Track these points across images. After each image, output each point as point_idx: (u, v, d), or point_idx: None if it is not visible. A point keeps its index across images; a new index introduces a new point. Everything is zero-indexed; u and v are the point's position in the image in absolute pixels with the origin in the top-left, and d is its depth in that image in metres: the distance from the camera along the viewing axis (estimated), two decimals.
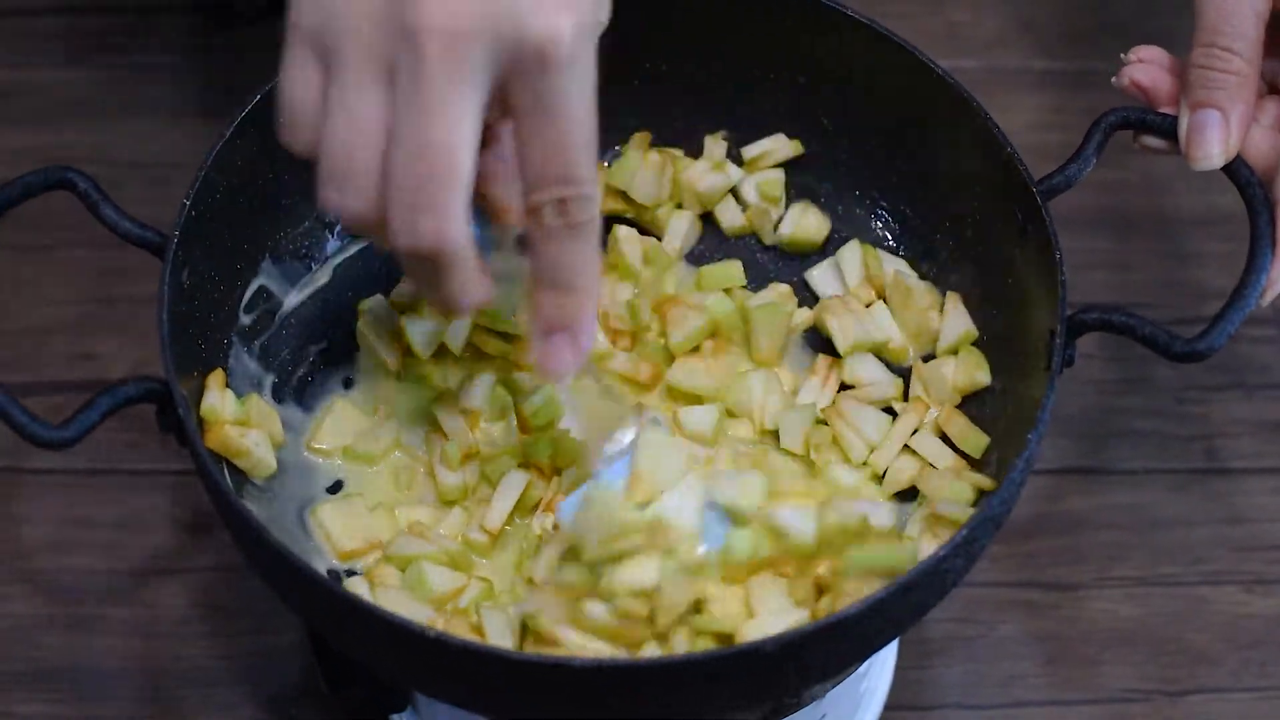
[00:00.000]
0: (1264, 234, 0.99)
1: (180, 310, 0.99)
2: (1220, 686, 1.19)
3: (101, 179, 1.36)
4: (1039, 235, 1.01)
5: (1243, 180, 1.01)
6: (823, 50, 1.12)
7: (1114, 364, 1.32)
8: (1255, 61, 1.01)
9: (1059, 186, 1.03)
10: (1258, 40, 1.01)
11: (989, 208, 1.08)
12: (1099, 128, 1.04)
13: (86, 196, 0.99)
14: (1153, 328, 0.98)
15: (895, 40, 1.09)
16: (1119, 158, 1.40)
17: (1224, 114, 1.00)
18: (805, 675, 0.93)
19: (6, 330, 1.31)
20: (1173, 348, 0.98)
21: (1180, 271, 1.36)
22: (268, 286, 1.09)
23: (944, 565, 0.91)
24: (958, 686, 1.19)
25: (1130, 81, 1.05)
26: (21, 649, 1.18)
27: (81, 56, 1.45)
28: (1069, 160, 1.03)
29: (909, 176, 1.14)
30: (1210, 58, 1.00)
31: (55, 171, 0.99)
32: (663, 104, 1.18)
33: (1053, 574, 1.23)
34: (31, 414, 0.91)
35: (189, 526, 1.22)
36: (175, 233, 0.99)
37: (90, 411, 0.93)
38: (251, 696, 1.17)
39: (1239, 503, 1.26)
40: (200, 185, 1.01)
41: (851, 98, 1.14)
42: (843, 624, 0.88)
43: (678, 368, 1.09)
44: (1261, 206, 1.00)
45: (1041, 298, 1.01)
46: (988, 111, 1.05)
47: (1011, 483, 0.94)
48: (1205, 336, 0.97)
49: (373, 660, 0.95)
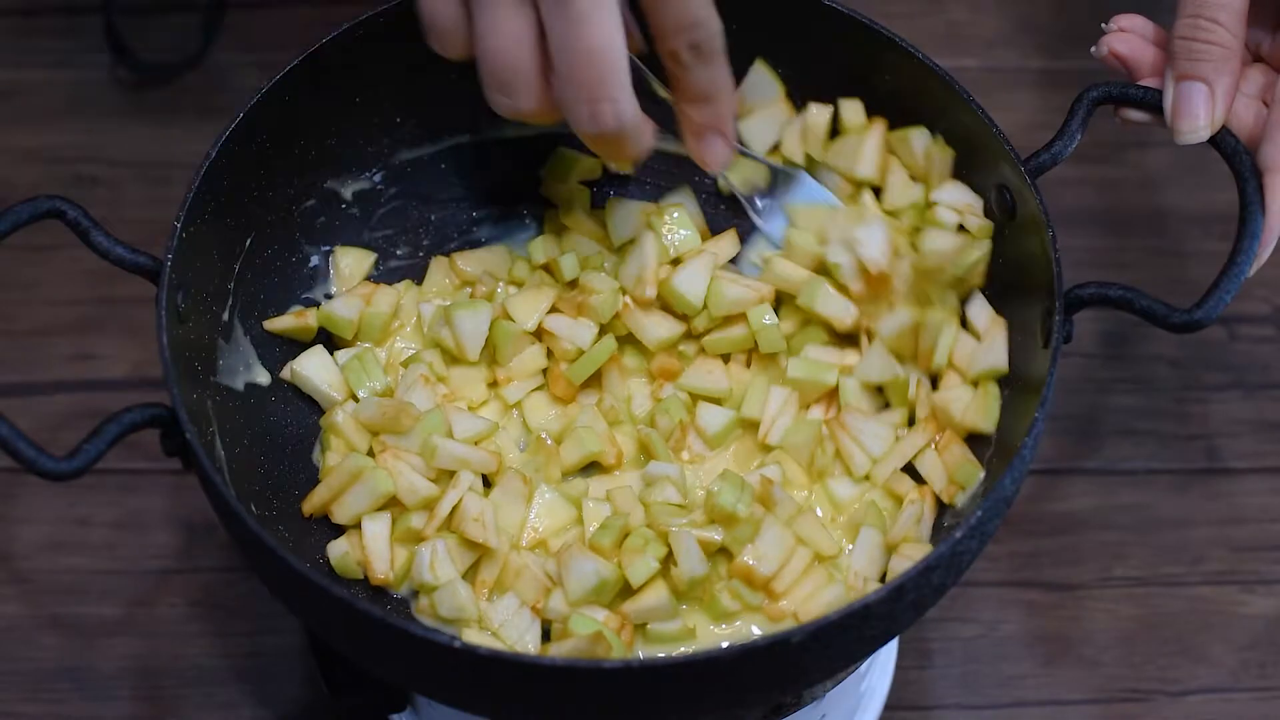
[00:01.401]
0: (1253, 200, 0.99)
1: (178, 334, 0.98)
2: (1220, 686, 1.19)
3: (101, 179, 1.37)
4: (1030, 212, 1.02)
5: (1229, 149, 1.01)
6: (809, 38, 1.13)
7: (1114, 363, 1.32)
8: (1240, 32, 1.00)
9: (1046, 164, 1.03)
10: (1242, 11, 1.00)
11: (980, 191, 1.08)
12: (1081, 103, 1.03)
13: (76, 225, 0.99)
14: (1150, 300, 0.99)
15: (884, 33, 1.09)
16: (1116, 155, 1.41)
17: (1210, 86, 0.99)
18: (831, 661, 0.94)
19: (7, 331, 1.31)
20: (1170, 319, 0.98)
21: (1177, 269, 1.36)
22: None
23: (959, 547, 0.92)
24: (958, 686, 1.19)
25: (1110, 51, 1.05)
26: (22, 649, 1.18)
27: (81, 56, 1.45)
28: (1054, 138, 1.03)
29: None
30: (1196, 29, 0.99)
31: (44, 202, 0.98)
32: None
33: (1053, 574, 1.23)
34: (38, 446, 0.90)
35: (189, 526, 1.22)
36: (168, 256, 0.98)
37: (96, 441, 0.92)
38: (251, 696, 1.17)
39: (1239, 503, 1.26)
40: (191, 204, 1.00)
41: (842, 81, 1.14)
42: (867, 608, 0.89)
43: (698, 369, 1.10)
44: (1249, 174, 0.99)
45: (1036, 277, 1.01)
46: (972, 96, 1.05)
47: (1021, 460, 0.94)
48: (1202, 306, 0.98)
49: (381, 668, 0.95)
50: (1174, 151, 1.40)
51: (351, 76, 1.09)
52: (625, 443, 1.09)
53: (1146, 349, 1.32)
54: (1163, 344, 1.32)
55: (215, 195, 1.03)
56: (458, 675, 0.90)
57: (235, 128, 1.03)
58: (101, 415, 1.25)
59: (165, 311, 0.97)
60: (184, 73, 1.43)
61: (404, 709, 1.09)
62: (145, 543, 1.22)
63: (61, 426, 1.25)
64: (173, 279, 0.98)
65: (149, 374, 1.26)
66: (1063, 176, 1.36)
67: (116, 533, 1.22)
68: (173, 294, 0.98)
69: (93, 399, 1.27)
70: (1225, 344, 1.33)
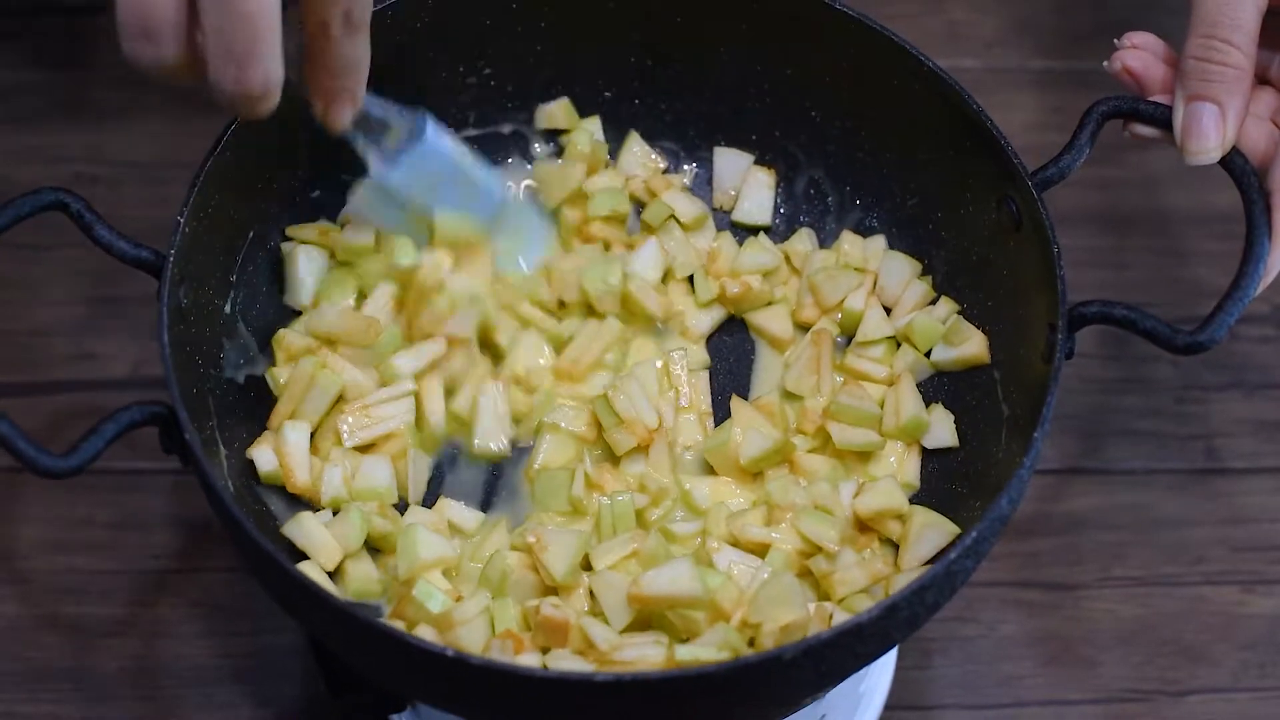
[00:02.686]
0: (1259, 223, 0.99)
1: (179, 331, 0.98)
2: (1220, 686, 1.19)
3: (101, 179, 1.37)
4: (1035, 227, 1.01)
5: (1238, 171, 1.00)
6: (812, 46, 1.13)
7: (1114, 364, 1.32)
8: (1252, 54, 0.99)
9: (1053, 178, 1.03)
10: (1255, 33, 0.99)
11: (983, 201, 1.08)
12: (1091, 117, 1.03)
13: (80, 218, 0.99)
14: (1154, 321, 0.98)
15: (888, 35, 1.09)
16: (1116, 156, 1.41)
17: (1221, 108, 0.99)
18: (823, 678, 0.94)
19: (6, 330, 1.31)
20: (1175, 341, 0.98)
21: (1178, 269, 1.36)
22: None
23: (954, 567, 0.92)
24: (958, 686, 1.19)
25: (1123, 67, 1.04)
26: (22, 649, 1.18)
27: (81, 57, 1.45)
28: (1062, 151, 1.03)
29: (902, 170, 1.14)
30: (1208, 50, 0.99)
31: (47, 194, 0.98)
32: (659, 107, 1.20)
33: (1053, 574, 1.23)
34: (36, 444, 0.90)
35: (189, 526, 1.22)
36: (171, 251, 0.98)
37: (94, 439, 0.92)
38: (251, 696, 1.17)
39: (1239, 503, 1.26)
40: (194, 199, 1.00)
41: (841, 93, 1.14)
42: (859, 627, 0.88)
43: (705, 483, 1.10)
44: (1257, 196, 0.99)
45: (1039, 291, 1.01)
46: (981, 106, 1.05)
47: (1019, 480, 0.94)
48: (1206, 328, 0.97)
49: (380, 675, 0.96)
50: (1174, 153, 1.40)
51: None
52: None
53: (1146, 349, 1.31)
54: None
55: (218, 190, 1.03)
56: (452, 683, 0.91)
57: (237, 123, 1.03)
58: (101, 415, 1.26)
59: (167, 307, 0.97)
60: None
61: (404, 709, 1.09)
62: (145, 543, 1.22)
63: (61, 426, 1.25)
64: (175, 274, 0.98)
65: (149, 373, 1.26)
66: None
67: (116, 533, 1.22)
68: (175, 289, 0.98)
69: (93, 398, 1.27)
70: (1225, 344, 1.32)
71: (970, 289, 1.11)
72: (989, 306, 1.09)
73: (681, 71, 1.17)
